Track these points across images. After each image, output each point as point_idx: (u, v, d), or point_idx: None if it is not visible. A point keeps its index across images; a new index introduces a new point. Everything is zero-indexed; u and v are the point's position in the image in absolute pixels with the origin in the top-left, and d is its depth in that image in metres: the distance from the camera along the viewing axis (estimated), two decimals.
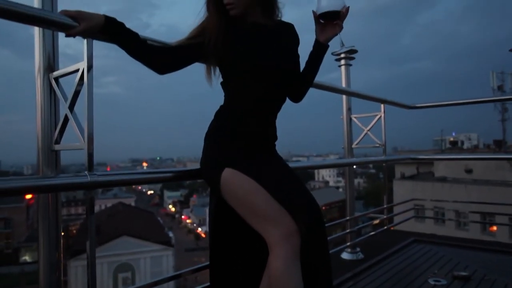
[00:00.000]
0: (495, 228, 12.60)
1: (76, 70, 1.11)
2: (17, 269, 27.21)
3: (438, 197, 10.16)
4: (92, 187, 1.08)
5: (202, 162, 1.25)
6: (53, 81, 1.15)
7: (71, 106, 1.12)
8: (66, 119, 1.13)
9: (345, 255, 2.71)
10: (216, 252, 1.27)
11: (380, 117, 2.92)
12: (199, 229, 46.81)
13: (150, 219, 27.00)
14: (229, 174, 1.13)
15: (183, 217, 56.05)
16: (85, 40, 1.08)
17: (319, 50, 1.29)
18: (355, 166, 4.19)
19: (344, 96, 2.91)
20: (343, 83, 2.90)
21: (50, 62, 1.16)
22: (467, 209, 4.41)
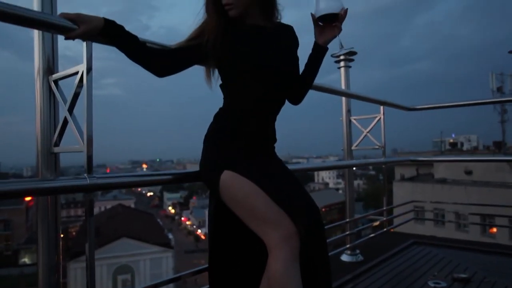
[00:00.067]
0: (495, 230, 12.59)
1: (76, 73, 1.11)
2: (17, 271, 27.14)
3: (438, 199, 10.14)
4: (91, 190, 1.08)
5: (201, 165, 1.25)
6: (53, 84, 1.15)
7: (71, 109, 1.12)
8: (66, 122, 1.13)
9: (345, 257, 2.71)
10: (215, 254, 1.27)
11: (380, 119, 2.92)
12: (199, 231, 46.77)
13: (150, 221, 26.99)
14: (228, 177, 1.13)
15: (183, 219, 56.01)
16: (85, 43, 1.08)
17: (318, 53, 1.30)
18: (355, 168, 4.19)
19: (344, 98, 2.91)
20: (343, 85, 2.90)
21: (50, 65, 1.16)
22: (467, 211, 4.40)
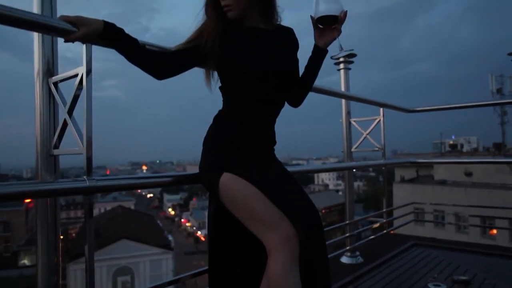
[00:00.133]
0: (495, 232, 12.57)
1: (75, 75, 1.11)
2: (16, 273, 27.07)
3: (438, 200, 10.14)
4: (91, 192, 1.08)
5: (201, 167, 1.25)
6: (52, 86, 1.16)
7: (70, 111, 1.12)
8: (65, 124, 1.13)
9: (345, 259, 2.71)
10: (215, 256, 1.26)
11: (379, 121, 2.93)
12: (199, 233, 46.72)
13: (150, 222, 26.95)
14: (228, 179, 1.13)
15: (183, 220, 55.94)
16: (84, 45, 1.08)
17: (318, 55, 1.30)
18: (355, 170, 4.19)
19: (343, 100, 2.91)
20: (342, 87, 2.90)
21: (49, 67, 1.17)
22: (467, 213, 4.40)
